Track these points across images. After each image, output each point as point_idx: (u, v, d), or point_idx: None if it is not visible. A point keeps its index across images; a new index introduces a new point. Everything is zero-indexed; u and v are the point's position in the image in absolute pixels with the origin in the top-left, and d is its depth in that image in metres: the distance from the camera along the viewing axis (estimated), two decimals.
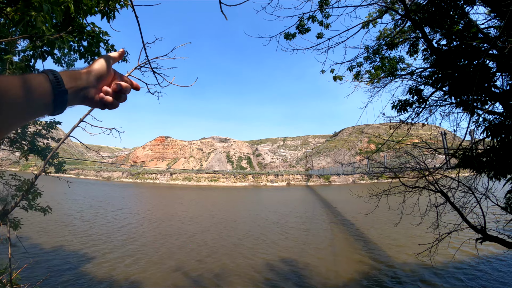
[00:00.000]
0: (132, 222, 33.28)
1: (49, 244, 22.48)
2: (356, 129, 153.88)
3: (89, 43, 5.62)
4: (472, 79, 5.01)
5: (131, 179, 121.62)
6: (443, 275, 17.09)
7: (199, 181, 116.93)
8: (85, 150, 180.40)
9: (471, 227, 6.25)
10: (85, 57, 5.78)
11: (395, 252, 21.58)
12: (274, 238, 26.37)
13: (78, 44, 5.51)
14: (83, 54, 5.72)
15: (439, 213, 7.13)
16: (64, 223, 31.12)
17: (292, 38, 9.07)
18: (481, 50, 5.50)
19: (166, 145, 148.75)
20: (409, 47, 7.72)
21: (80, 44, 5.56)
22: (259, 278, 16.82)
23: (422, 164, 7.65)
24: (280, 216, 38.68)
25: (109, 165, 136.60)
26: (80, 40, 5.49)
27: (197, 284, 16.09)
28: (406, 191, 7.65)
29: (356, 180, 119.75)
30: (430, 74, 6.79)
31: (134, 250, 22.08)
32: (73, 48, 5.52)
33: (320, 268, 18.32)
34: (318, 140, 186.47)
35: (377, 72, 9.31)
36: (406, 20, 7.49)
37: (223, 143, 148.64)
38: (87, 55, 5.77)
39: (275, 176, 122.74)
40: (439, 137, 14.75)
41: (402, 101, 7.24)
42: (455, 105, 6.80)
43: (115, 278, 16.60)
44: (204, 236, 27.08)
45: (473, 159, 5.34)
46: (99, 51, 5.88)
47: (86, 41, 5.58)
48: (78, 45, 5.52)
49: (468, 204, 6.74)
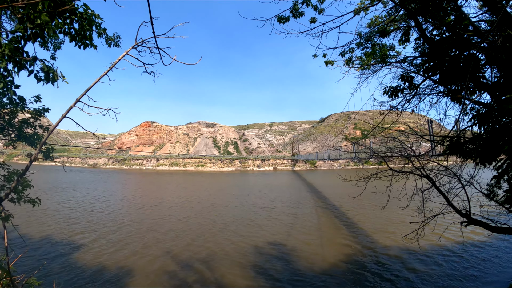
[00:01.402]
0: (119, 209, 33.14)
1: (38, 234, 22.27)
2: (342, 116, 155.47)
3: (81, 25, 5.46)
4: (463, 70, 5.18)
5: (117, 166, 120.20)
6: (427, 259, 17.84)
7: (186, 166, 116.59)
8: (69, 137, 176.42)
9: (456, 211, 6.57)
10: (75, 40, 5.62)
11: (380, 236, 22.31)
12: (261, 222, 26.79)
13: (69, 26, 5.35)
14: (73, 37, 5.55)
15: (425, 198, 7.42)
16: (51, 211, 30.75)
17: (286, 22, 9.05)
18: (472, 42, 5.66)
19: (152, 130, 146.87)
20: (401, 36, 7.84)
21: (71, 27, 5.39)
22: (246, 262, 17.17)
23: (409, 150, 7.89)
24: (267, 201, 39.19)
25: (94, 151, 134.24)
26: (71, 22, 5.32)
27: (184, 267, 16.32)
28: (393, 175, 7.89)
29: (342, 166, 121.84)
30: (421, 63, 6.95)
31: (121, 236, 22.10)
32: (63, 30, 5.34)
33: (306, 252, 18.81)
34: (304, 126, 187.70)
35: (368, 59, 9.42)
36: (400, 8, 7.57)
37: (210, 128, 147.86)
38: (78, 38, 5.61)
39: (261, 161, 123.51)
40: (425, 125, 15.12)
41: (394, 87, 7.41)
42: (443, 94, 7.01)
43: (104, 263, 16.67)
44: (192, 220, 27.28)
45: (461, 146, 5.58)
46: (91, 34, 5.73)
47: (77, 23, 5.42)
48: (69, 27, 5.36)
49: (453, 189, 7.03)
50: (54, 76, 4.96)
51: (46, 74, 4.92)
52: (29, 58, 4.54)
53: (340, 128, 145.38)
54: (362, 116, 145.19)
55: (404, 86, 7.25)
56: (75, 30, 5.41)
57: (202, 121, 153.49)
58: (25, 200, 8.44)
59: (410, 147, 7.97)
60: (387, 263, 16.89)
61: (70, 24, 5.29)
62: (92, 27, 5.59)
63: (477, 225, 6.38)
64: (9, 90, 4.77)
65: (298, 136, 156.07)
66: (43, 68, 4.82)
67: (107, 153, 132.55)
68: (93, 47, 5.84)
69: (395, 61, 8.98)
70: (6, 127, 8.86)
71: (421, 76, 7.28)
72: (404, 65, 8.28)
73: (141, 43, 5.43)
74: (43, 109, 8.87)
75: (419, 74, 7.29)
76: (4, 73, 4.47)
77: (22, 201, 8.42)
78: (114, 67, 5.47)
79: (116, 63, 5.44)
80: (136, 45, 5.45)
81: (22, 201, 8.42)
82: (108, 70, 5.30)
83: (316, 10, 9.01)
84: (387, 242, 20.73)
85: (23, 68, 4.56)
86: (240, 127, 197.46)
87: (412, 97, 7.53)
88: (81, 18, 5.33)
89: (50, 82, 5.04)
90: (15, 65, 4.41)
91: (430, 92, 7.44)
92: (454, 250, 18.86)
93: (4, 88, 4.58)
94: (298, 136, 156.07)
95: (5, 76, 4.46)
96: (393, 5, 8.17)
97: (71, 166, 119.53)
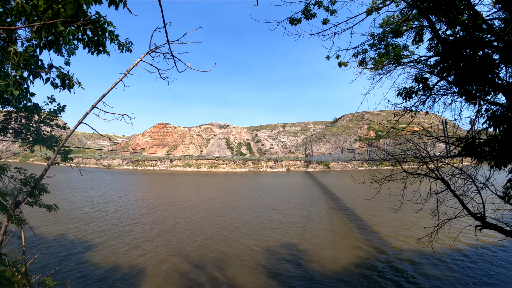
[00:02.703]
0: (132, 209, 33.73)
1: (52, 233, 22.93)
2: (356, 116, 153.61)
3: (94, 33, 5.59)
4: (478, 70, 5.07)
5: (131, 166, 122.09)
6: (440, 263, 17.48)
7: (199, 167, 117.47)
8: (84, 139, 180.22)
9: (471, 214, 6.41)
10: (89, 47, 5.75)
11: (394, 239, 21.98)
12: (273, 224, 26.78)
13: (82, 33, 5.49)
14: (87, 44, 5.69)
15: (439, 201, 7.28)
16: (65, 211, 31.54)
17: (298, 23, 9.04)
18: (485, 41, 5.54)
19: (165, 131, 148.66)
20: (415, 36, 7.72)
21: (85, 34, 5.53)
22: (258, 263, 17.20)
23: (423, 151, 7.76)
24: (280, 202, 39.13)
25: (108, 152, 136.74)
26: (85, 30, 5.46)
27: (195, 268, 16.47)
28: (408, 177, 7.77)
29: (356, 167, 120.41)
30: (435, 63, 6.83)
31: (134, 236, 22.51)
32: (77, 37, 5.48)
33: (318, 255, 18.70)
34: (317, 127, 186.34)
35: (382, 59, 9.33)
36: (412, 8, 7.46)
37: (223, 129, 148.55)
38: (91, 45, 5.74)
39: (274, 162, 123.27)
40: (439, 126, 14.83)
41: (408, 89, 7.30)
42: (457, 94, 6.87)
43: (116, 262, 17.04)
44: (203, 222, 27.50)
45: (476, 148, 5.46)
46: (104, 41, 5.85)
47: (90, 31, 5.55)
48: (82, 34, 5.49)
49: (468, 192, 6.88)
50: (70, 82, 5.11)
51: (62, 81, 5.07)
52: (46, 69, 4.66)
53: (354, 128, 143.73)
54: (376, 116, 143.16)
55: (418, 88, 7.14)
56: (88, 37, 5.53)
57: (215, 123, 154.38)
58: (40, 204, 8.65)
59: (425, 148, 7.84)
60: (400, 268, 16.61)
61: (83, 32, 5.43)
62: (105, 34, 5.70)
63: (492, 228, 6.21)
64: (24, 97, 4.91)
65: (311, 137, 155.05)
66: (59, 75, 4.97)
67: (121, 154, 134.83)
68: (106, 53, 5.95)
69: (409, 61, 8.85)
70: (24, 130, 9.12)
71: (435, 76, 7.15)
72: (419, 65, 8.15)
73: (154, 49, 5.48)
74: (58, 109, 9.06)
75: (433, 74, 7.15)
76: (20, 81, 4.60)
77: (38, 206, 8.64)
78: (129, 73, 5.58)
79: (131, 70, 5.53)
80: (150, 51, 5.51)
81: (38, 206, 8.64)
82: (123, 77, 5.40)
83: (328, 11, 8.99)
84: (401, 245, 20.40)
85: (38, 76, 4.68)
86: (253, 128, 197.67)
87: (426, 99, 7.40)
88: (94, 26, 5.46)
89: (66, 88, 5.19)
90: (30, 73, 4.54)
91: (444, 93, 7.31)
92: (468, 255, 18.41)
93: (20, 95, 4.71)
94: (311, 137, 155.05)
95: (21, 84, 4.60)
96: (405, 4, 8.07)
97: (86, 166, 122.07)
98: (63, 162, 10.11)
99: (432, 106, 7.63)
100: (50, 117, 9.79)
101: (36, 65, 4.71)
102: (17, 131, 9.17)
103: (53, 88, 5.14)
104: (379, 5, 8.95)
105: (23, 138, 9.42)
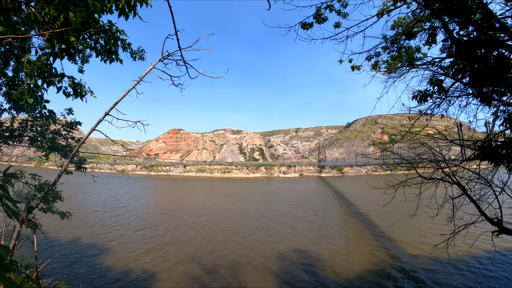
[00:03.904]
0: (145, 213, 34.08)
1: (66, 236, 23.34)
2: (369, 120, 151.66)
3: (106, 41, 5.71)
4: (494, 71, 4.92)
5: (145, 172, 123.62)
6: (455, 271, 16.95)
7: (212, 173, 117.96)
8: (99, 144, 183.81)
9: (488, 220, 6.19)
10: (101, 55, 5.88)
11: (409, 246, 21.44)
12: (286, 230, 26.56)
13: (95, 42, 5.61)
14: (99, 52, 5.82)
15: (455, 206, 7.07)
16: (80, 214, 32.12)
17: (310, 28, 9.00)
18: (500, 41, 5.38)
19: (179, 137, 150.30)
20: (428, 37, 7.58)
21: (98, 42, 5.66)
22: (270, 270, 17.03)
23: (439, 155, 7.56)
24: (292, 208, 38.81)
25: (122, 158, 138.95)
26: (97, 39, 5.59)
27: (208, 273, 16.45)
28: (423, 182, 7.58)
29: (370, 172, 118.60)
30: (449, 65, 6.67)
31: (146, 240, 22.69)
32: (90, 45, 5.60)
33: (332, 261, 18.39)
34: (330, 131, 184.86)
35: (395, 62, 9.18)
36: (424, 9, 7.34)
37: (236, 134, 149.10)
38: (104, 54, 5.86)
39: (287, 168, 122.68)
40: (454, 128, 14.45)
41: (422, 92, 7.15)
42: (472, 96, 6.68)
43: (129, 266, 17.21)
44: (216, 227, 27.52)
45: (492, 151, 5.28)
46: (116, 49, 5.97)
47: (103, 39, 5.67)
48: (95, 43, 5.62)
49: (485, 197, 6.66)
50: (81, 91, 5.21)
51: (74, 90, 5.16)
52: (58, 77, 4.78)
53: (367, 133, 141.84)
54: (390, 120, 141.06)
55: (433, 90, 6.99)
56: (101, 46, 5.66)
57: (228, 128, 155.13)
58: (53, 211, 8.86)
59: (440, 152, 7.64)
60: (415, 276, 16.16)
61: (96, 41, 5.55)
62: (117, 42, 5.80)
63: (509, 234, 5.98)
64: (39, 104, 5.04)
65: (324, 142, 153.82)
66: (70, 84, 5.07)
67: (135, 159, 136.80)
68: (118, 62, 6.04)
69: (422, 63, 8.68)
70: (39, 138, 9.38)
71: (449, 78, 6.99)
72: (433, 67, 7.99)
73: (167, 56, 5.54)
74: (75, 122, 9.27)
75: (448, 76, 6.99)
76: (34, 89, 4.74)
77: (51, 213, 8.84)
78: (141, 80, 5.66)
79: (144, 77, 5.60)
80: (162, 58, 5.58)
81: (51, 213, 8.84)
82: (136, 84, 5.47)
83: (340, 14, 8.94)
84: (416, 252, 19.88)
85: (52, 84, 4.79)
86: (266, 134, 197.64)
87: (442, 101, 7.22)
88: (106, 35, 5.58)
89: (79, 97, 5.28)
90: (44, 81, 4.65)
91: (459, 95, 7.12)
92: (485, 262, 17.80)
93: (35, 103, 4.83)
94: (324, 142, 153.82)
95: (35, 92, 4.72)
96: (416, 5, 7.94)
97: (100, 172, 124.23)
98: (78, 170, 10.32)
99: (447, 108, 7.45)
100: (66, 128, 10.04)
101: (50, 73, 4.85)
102: (33, 139, 9.45)
103: (65, 97, 5.25)
104: (389, 7, 8.85)
105: (39, 146, 9.69)
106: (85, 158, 10.33)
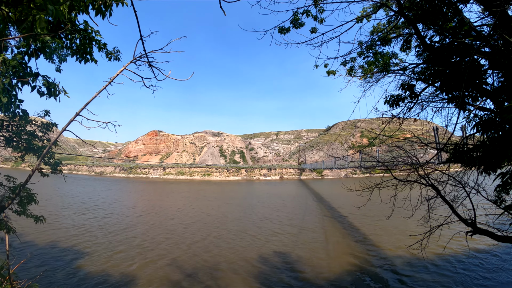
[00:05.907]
0: (124, 217, 33.23)
1: (42, 240, 22.40)
2: (349, 124, 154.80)
3: (81, 42, 5.62)
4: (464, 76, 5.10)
5: (124, 174, 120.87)
6: (432, 268, 17.48)
7: (192, 175, 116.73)
8: (77, 145, 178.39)
9: (462, 220, 6.38)
10: (77, 54, 5.77)
11: (385, 246, 21.94)
12: (267, 232, 26.55)
13: (70, 42, 5.53)
14: (75, 52, 5.73)
15: (430, 207, 7.25)
16: (55, 216, 30.93)
17: (287, 32, 9.06)
18: (473, 47, 5.59)
19: (158, 139, 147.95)
20: (403, 43, 7.79)
21: (73, 42, 5.56)
22: (252, 272, 16.98)
23: (414, 158, 7.76)
24: (273, 211, 38.90)
25: (101, 160, 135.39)
26: (72, 39, 5.48)
27: (189, 277, 16.20)
28: (398, 184, 7.74)
29: (349, 174, 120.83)
30: (422, 70, 6.88)
31: (126, 244, 22.09)
32: (66, 45, 5.52)
33: (312, 262, 18.54)
34: (311, 135, 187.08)
35: (370, 68, 9.37)
36: (400, 16, 7.54)
37: (216, 137, 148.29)
38: (79, 53, 5.76)
39: (268, 170, 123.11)
40: (431, 132, 14.94)
41: (395, 96, 7.34)
42: (446, 100, 6.91)
43: (108, 271, 16.69)
44: (198, 231, 27.19)
45: (463, 154, 5.46)
46: (91, 49, 5.88)
47: (78, 39, 5.58)
48: (70, 42, 5.55)
49: (459, 198, 6.87)
50: (55, 91, 5.10)
51: (48, 89, 5.11)
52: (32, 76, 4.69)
53: (347, 136, 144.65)
54: (369, 124, 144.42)
55: (405, 95, 7.18)
56: (77, 45, 5.63)
57: (209, 130, 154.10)
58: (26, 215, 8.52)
59: (415, 155, 7.84)
60: (393, 274, 16.55)
61: (71, 41, 5.50)
62: (92, 42, 5.77)
63: (483, 234, 6.18)
64: (13, 104, 4.87)
65: (305, 145, 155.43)
66: (44, 83, 5.00)
67: (114, 161, 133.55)
68: (93, 62, 6.03)
69: (398, 68, 8.91)
70: (15, 138, 9.04)
71: (423, 83, 7.20)
72: (407, 72, 8.21)
73: (139, 57, 5.50)
74: (51, 124, 9.02)
75: (421, 81, 7.20)
76: (8, 88, 4.58)
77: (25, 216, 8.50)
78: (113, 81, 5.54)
79: (115, 78, 5.51)
80: (134, 60, 5.53)
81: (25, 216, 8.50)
82: (107, 85, 5.37)
83: (316, 20, 9.03)
84: (392, 251, 20.39)
85: (26, 83, 4.68)
86: (247, 136, 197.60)
87: (413, 106, 7.44)
88: (81, 35, 5.49)
89: (52, 96, 5.18)
90: (18, 80, 4.53)
91: (433, 99, 7.35)
92: (460, 260, 18.52)
93: (9, 102, 4.69)
94: (305, 145, 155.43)
95: (9, 91, 4.57)
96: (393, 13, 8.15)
97: (78, 174, 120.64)
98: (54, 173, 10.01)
99: (420, 112, 7.67)
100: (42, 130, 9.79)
101: (24, 73, 4.71)
102: (8, 139, 9.13)
103: (39, 96, 5.12)
104: (369, 13, 9.04)
105: (15, 147, 9.35)
106: (61, 160, 9.99)
